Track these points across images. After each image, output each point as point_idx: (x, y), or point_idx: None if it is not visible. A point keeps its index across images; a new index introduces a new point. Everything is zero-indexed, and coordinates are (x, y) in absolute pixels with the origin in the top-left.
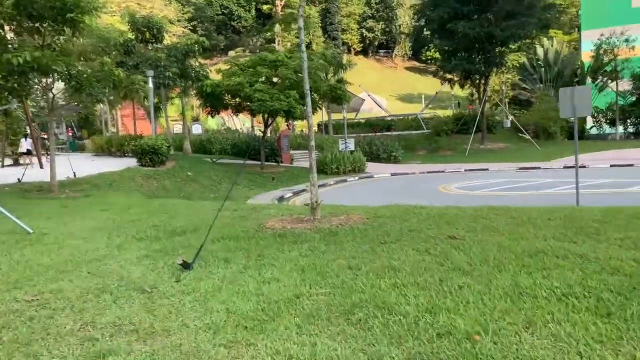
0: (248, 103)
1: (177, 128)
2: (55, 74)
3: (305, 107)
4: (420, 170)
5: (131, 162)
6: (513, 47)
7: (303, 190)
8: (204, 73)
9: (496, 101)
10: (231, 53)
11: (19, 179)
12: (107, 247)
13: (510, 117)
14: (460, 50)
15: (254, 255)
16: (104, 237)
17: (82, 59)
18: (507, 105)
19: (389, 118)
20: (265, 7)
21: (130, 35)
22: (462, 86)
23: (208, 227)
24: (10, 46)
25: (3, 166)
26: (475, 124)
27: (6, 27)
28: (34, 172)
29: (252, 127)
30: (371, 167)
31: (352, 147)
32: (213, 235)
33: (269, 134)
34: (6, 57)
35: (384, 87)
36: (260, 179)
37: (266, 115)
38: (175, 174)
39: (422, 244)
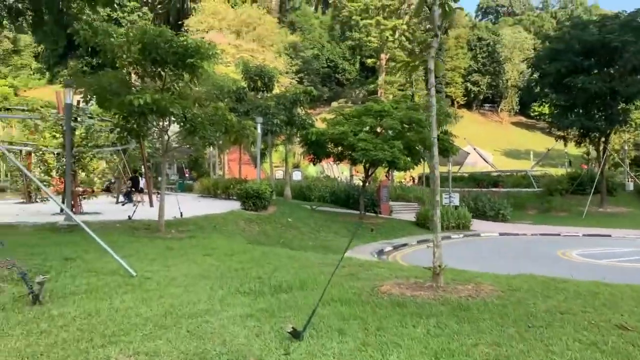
0: (350, 152)
1: (279, 174)
2: (172, 117)
3: (424, 157)
4: (532, 232)
5: (235, 205)
6: (639, 104)
7: (404, 245)
8: (310, 122)
9: (616, 161)
10: (334, 104)
11: (129, 217)
12: (209, 300)
13: (633, 179)
14: (578, 106)
15: (372, 327)
16: (207, 286)
17: (197, 104)
18: (629, 166)
19: (495, 173)
20: (369, 60)
21: (243, 84)
22: (578, 143)
23: (315, 283)
24: (133, 89)
25: (118, 202)
26: (594, 185)
27: (132, 72)
28: (145, 210)
29: (351, 176)
30: (477, 224)
31: (456, 202)
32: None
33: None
34: (129, 98)
35: (488, 142)
36: (359, 230)
37: (367, 165)
38: (276, 220)
39: (583, 333)
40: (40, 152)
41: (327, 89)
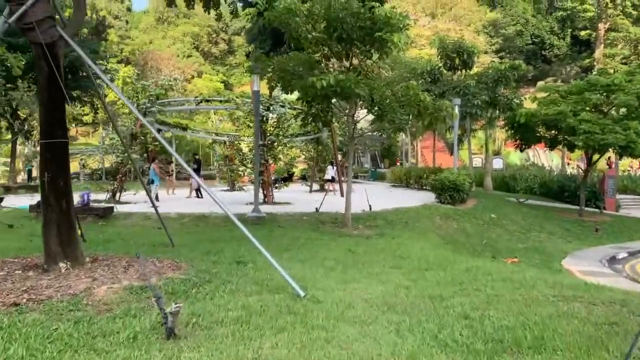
0: (569, 136)
1: (476, 162)
2: (358, 99)
3: None
4: None
5: (429, 196)
6: None
7: None
8: (518, 101)
9: None
10: (540, 83)
11: (317, 209)
12: (392, 355)
13: None
14: None
15: None
16: (391, 327)
17: (386, 84)
18: None
19: None
20: (583, 33)
21: (439, 63)
22: None
23: (559, 339)
24: (316, 70)
25: (311, 191)
26: None
27: (318, 53)
28: (335, 200)
29: (563, 164)
30: None
31: None
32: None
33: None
34: (311, 80)
35: None
36: (579, 229)
37: (591, 151)
38: (476, 215)
39: None
40: (236, 142)
41: (533, 68)
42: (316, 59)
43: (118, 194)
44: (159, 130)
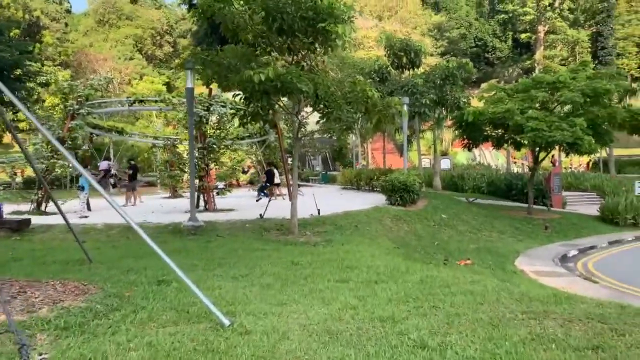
0: (515, 135)
1: (425, 162)
2: (302, 96)
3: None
4: None
5: (379, 198)
6: None
7: (592, 248)
8: (465, 100)
9: None
10: (484, 85)
11: (261, 215)
12: None
13: None
14: None
15: None
16: None
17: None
18: None
19: None
20: (523, 35)
21: (386, 62)
22: None
23: None
24: (253, 64)
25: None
26: None
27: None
28: (282, 205)
29: (508, 163)
30: None
31: None
32: None
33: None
34: (247, 74)
35: None
36: (529, 227)
37: (537, 149)
38: (427, 216)
39: None
40: (171, 145)
41: (476, 70)
42: (256, 53)
43: (44, 204)
44: (91, 135)
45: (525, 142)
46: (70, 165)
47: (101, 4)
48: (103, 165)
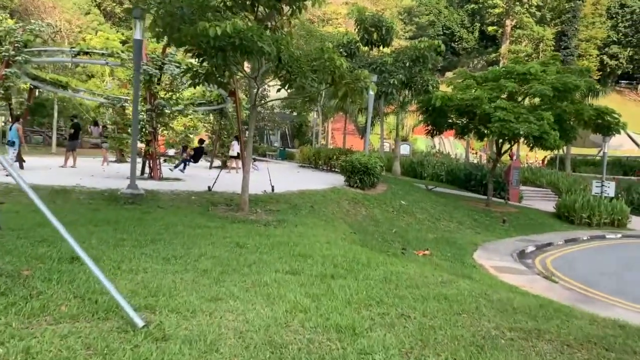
0: (482, 124)
1: (384, 147)
2: (262, 58)
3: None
4: None
5: (337, 179)
6: None
7: (549, 245)
8: (434, 84)
9: None
10: (449, 74)
11: (209, 188)
12: None
13: None
14: None
15: None
16: None
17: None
18: None
19: None
20: (490, 28)
21: (355, 36)
22: None
23: None
24: (209, 14)
25: (211, 167)
26: None
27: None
28: (235, 179)
29: (467, 153)
30: (635, 222)
31: (611, 192)
32: None
33: (486, 162)
34: (202, 25)
35: (629, 123)
36: (487, 220)
37: (501, 141)
38: (386, 201)
39: None
40: (119, 106)
41: (442, 59)
42: (215, 7)
43: None
44: (33, 88)
45: (492, 132)
46: None
47: None
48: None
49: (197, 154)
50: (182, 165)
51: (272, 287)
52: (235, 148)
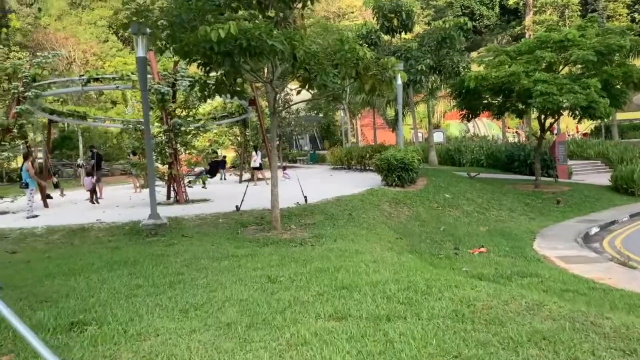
0: (522, 100)
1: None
2: (276, 58)
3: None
4: None
5: (373, 179)
6: None
7: (613, 223)
8: (465, 65)
9: None
10: (473, 54)
11: (237, 207)
12: None
13: None
14: None
15: None
16: None
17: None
18: None
19: None
20: (511, 1)
21: (375, 25)
22: None
23: None
24: (209, 16)
25: (241, 181)
26: None
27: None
28: (265, 192)
29: (503, 133)
30: None
31: None
32: None
33: (525, 140)
34: (203, 30)
35: None
36: (539, 202)
37: (544, 116)
38: (429, 197)
39: None
40: (133, 129)
41: (465, 39)
42: (216, 9)
43: None
44: (51, 122)
45: (534, 107)
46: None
47: None
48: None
49: (213, 168)
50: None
51: (314, 346)
52: (256, 159)
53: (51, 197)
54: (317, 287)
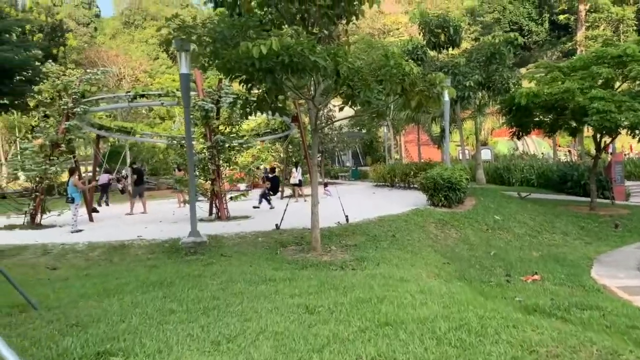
0: (573, 120)
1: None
2: (319, 75)
3: None
4: None
5: (418, 198)
6: None
7: None
8: (515, 81)
9: None
10: (522, 70)
11: (277, 226)
12: None
13: None
14: None
15: None
16: None
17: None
18: None
19: None
20: (561, 17)
21: (421, 40)
22: None
23: None
24: (251, 31)
25: (282, 198)
26: None
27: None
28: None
29: (554, 151)
30: None
31: None
32: None
33: (578, 159)
34: (245, 46)
35: None
36: (596, 226)
37: (600, 135)
38: (478, 219)
39: None
40: (177, 145)
41: (513, 55)
42: (261, 23)
43: (38, 216)
44: (99, 137)
45: (590, 125)
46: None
47: (128, 5)
48: (103, 178)
49: (275, 185)
50: (264, 201)
51: None
52: (296, 175)
53: (97, 211)
54: (358, 322)
